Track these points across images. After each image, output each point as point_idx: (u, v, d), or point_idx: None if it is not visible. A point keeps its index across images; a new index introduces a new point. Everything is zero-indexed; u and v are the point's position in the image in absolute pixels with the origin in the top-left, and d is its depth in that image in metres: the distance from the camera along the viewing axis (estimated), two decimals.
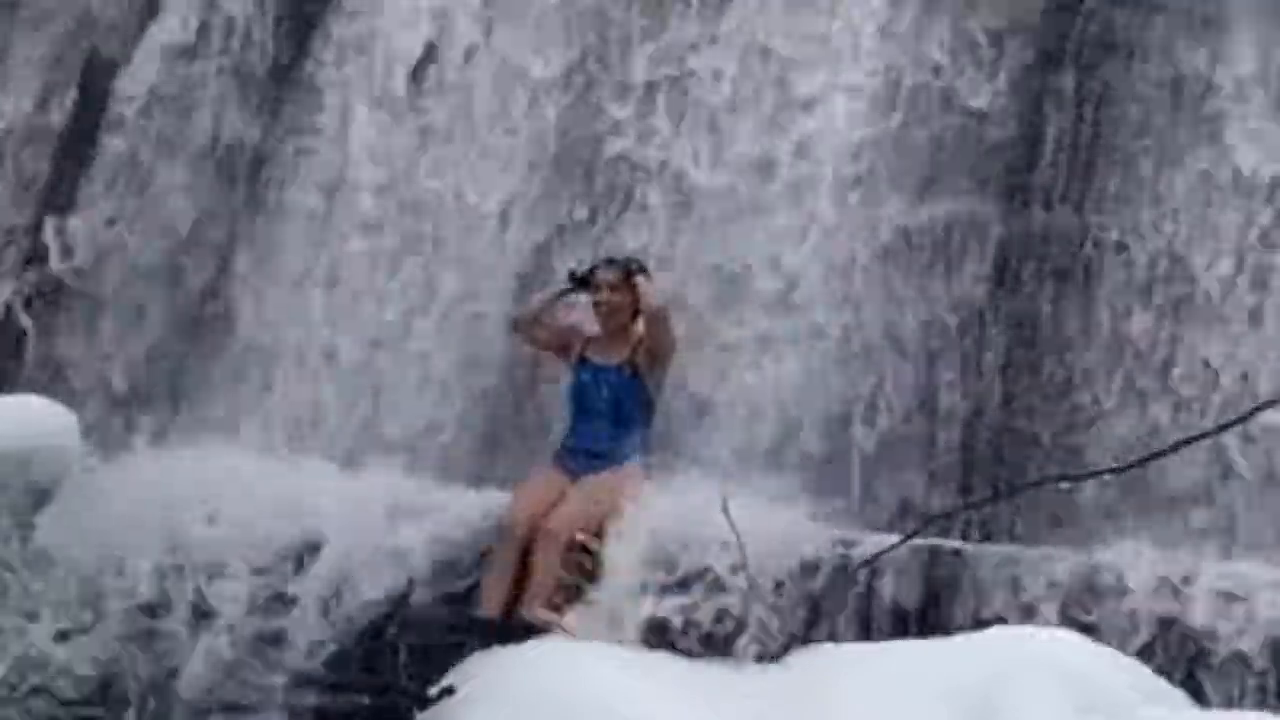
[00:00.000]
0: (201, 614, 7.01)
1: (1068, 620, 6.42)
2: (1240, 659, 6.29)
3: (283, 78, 8.74)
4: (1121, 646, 6.24)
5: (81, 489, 7.26)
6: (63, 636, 6.99)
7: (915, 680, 5.94)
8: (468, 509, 7.18)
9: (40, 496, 7.24)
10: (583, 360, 7.46)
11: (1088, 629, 6.33)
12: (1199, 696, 6.21)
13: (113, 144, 8.75)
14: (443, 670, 6.60)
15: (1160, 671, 6.14)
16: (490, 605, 6.88)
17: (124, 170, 8.71)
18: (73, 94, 8.94)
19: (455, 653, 6.69)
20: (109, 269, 8.62)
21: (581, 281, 7.45)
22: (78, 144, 8.83)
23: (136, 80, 8.79)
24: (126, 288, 8.59)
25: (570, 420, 7.44)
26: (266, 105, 8.71)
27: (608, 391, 7.34)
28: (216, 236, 8.60)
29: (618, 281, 7.42)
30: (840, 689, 6.08)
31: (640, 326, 7.38)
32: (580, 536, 6.93)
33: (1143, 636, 6.39)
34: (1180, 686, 6.13)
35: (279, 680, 6.88)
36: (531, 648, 6.59)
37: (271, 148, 8.66)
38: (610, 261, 7.55)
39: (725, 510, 6.56)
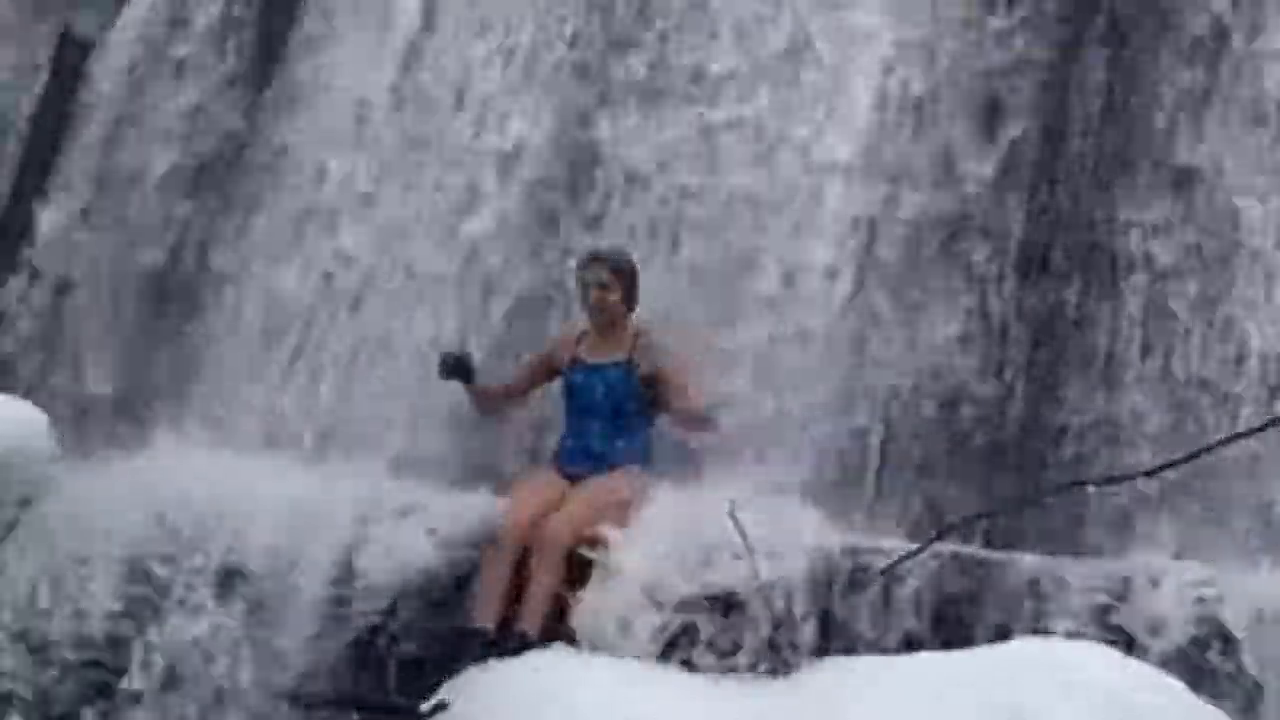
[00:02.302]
0: (178, 625, 6.82)
1: (1097, 633, 6.18)
2: None
3: (268, 57, 8.67)
4: (1155, 661, 5.98)
5: (56, 493, 7.14)
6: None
7: (934, 694, 5.64)
8: (461, 513, 6.95)
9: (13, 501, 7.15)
10: (575, 361, 7.20)
11: (1119, 642, 6.07)
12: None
13: (85, 131, 8.65)
14: (435, 684, 6.40)
15: (1197, 689, 5.79)
16: (485, 616, 6.61)
17: (97, 158, 8.61)
18: (44, 77, 8.89)
19: (448, 666, 6.48)
20: (82, 262, 8.55)
21: (460, 372, 7.23)
22: (49, 130, 8.72)
23: (112, 62, 8.73)
24: (100, 282, 8.51)
25: (566, 420, 7.21)
26: (250, 87, 8.63)
27: (604, 391, 7.10)
28: (195, 228, 8.53)
29: (607, 279, 7.16)
30: (854, 702, 5.82)
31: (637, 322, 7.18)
32: (585, 541, 6.68)
33: (1179, 652, 6.15)
34: (1219, 706, 5.80)
35: (262, 696, 6.67)
36: (530, 659, 6.37)
37: (253, 134, 8.56)
38: (594, 258, 7.27)
39: (733, 515, 6.32)
